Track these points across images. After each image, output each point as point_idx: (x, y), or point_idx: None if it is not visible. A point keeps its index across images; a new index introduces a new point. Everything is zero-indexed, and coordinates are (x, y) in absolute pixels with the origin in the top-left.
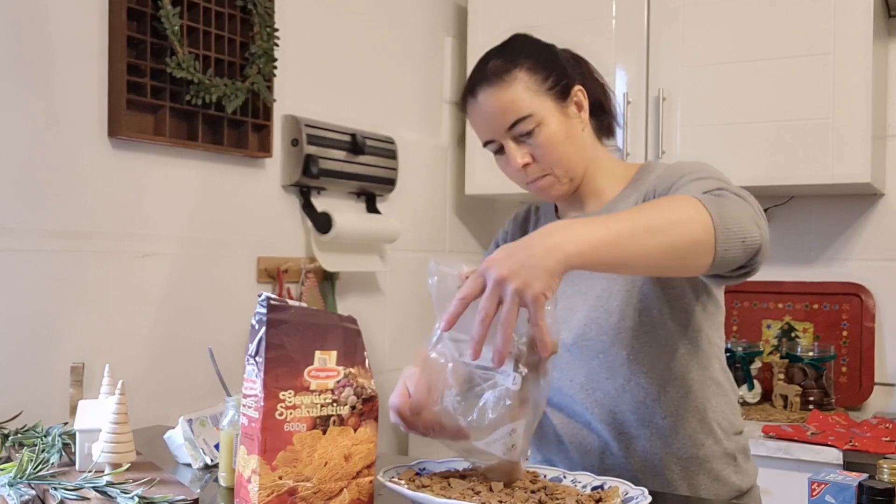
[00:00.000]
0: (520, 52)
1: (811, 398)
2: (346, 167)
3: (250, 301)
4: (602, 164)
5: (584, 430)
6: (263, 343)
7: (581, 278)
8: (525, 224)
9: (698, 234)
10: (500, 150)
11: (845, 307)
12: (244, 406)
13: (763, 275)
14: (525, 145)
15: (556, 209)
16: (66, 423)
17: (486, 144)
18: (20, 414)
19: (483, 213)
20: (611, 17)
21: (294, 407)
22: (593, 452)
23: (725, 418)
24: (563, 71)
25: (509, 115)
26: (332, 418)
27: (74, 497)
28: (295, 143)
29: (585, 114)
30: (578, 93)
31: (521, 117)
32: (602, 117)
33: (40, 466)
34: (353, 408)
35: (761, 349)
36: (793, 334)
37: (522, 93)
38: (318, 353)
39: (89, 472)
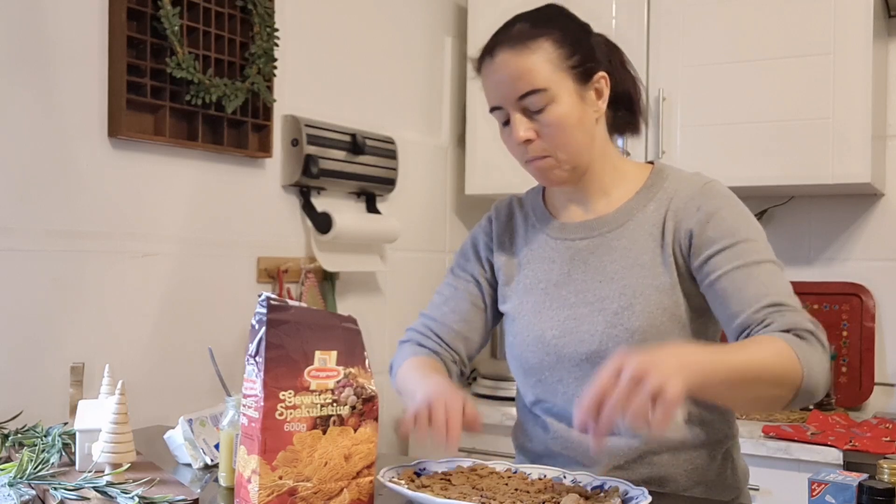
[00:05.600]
0: (550, 21)
1: None
2: (346, 167)
3: (250, 301)
4: (612, 161)
5: (586, 444)
6: (263, 343)
7: (589, 286)
8: (510, 222)
9: (786, 394)
10: (506, 121)
11: (845, 307)
12: (244, 406)
13: None
14: (532, 120)
15: (545, 202)
16: (66, 423)
17: (492, 110)
18: (20, 414)
19: (483, 213)
20: (611, 17)
21: (294, 407)
22: (592, 465)
23: (721, 430)
24: (590, 52)
25: (523, 84)
26: (332, 418)
27: (74, 497)
28: (295, 143)
29: (603, 103)
30: (601, 79)
31: (535, 90)
32: (626, 113)
33: (40, 466)
34: (353, 408)
35: None
36: None
37: (542, 64)
38: (318, 353)
39: (89, 472)
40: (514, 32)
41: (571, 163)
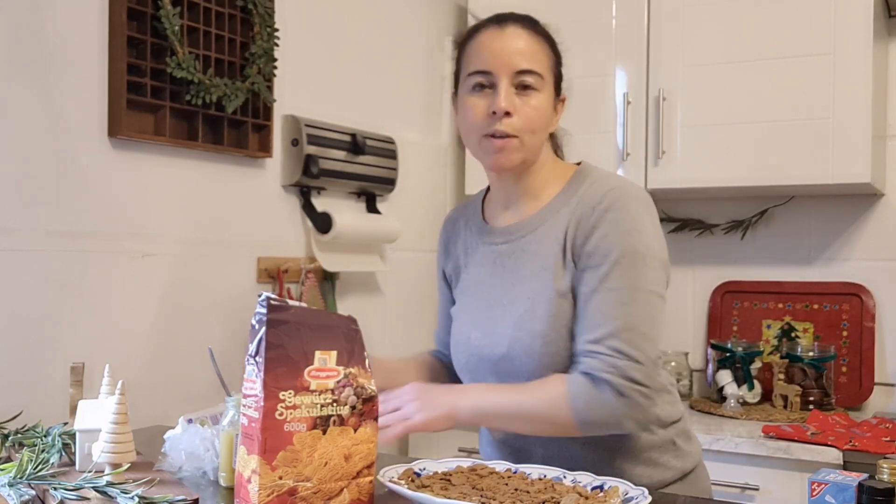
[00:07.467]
0: (549, 34)
1: (811, 398)
2: (346, 167)
3: (250, 301)
4: (545, 164)
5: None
6: (263, 343)
7: (504, 289)
8: (454, 229)
9: (562, 431)
10: (483, 87)
11: (845, 307)
12: (244, 406)
13: (763, 275)
14: (517, 98)
15: (483, 208)
16: (66, 423)
17: (473, 74)
18: (20, 414)
19: None
20: (611, 17)
21: (294, 407)
22: (527, 452)
23: (662, 411)
24: (561, 77)
25: (528, 60)
26: (333, 418)
27: (74, 497)
28: (295, 143)
29: (558, 119)
30: (562, 101)
31: (536, 71)
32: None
33: (40, 466)
34: (353, 408)
35: (761, 349)
36: (793, 334)
37: (545, 56)
38: (318, 353)
39: (89, 472)
40: (529, 19)
41: (529, 151)
